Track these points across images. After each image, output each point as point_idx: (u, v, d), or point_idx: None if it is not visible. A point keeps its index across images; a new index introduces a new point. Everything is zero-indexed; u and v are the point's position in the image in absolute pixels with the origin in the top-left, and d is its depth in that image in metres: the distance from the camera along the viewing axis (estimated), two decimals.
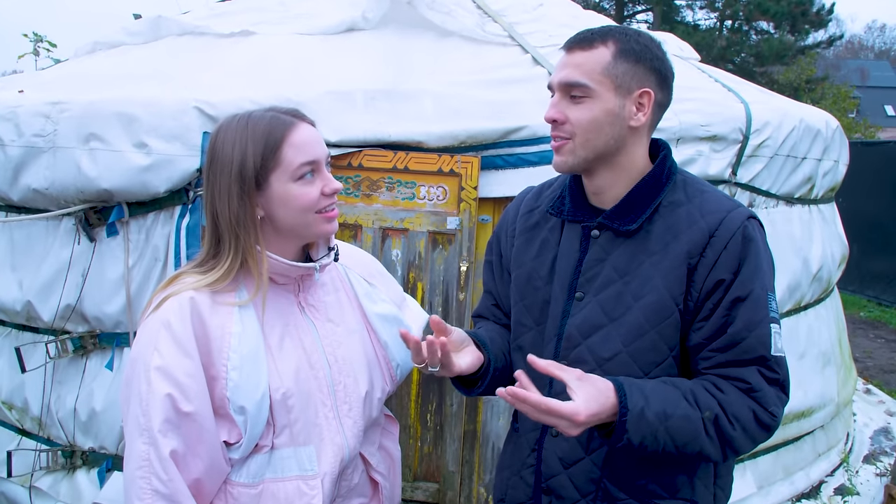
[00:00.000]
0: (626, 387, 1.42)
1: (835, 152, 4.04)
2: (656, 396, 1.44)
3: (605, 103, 1.50)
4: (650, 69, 1.52)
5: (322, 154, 1.50)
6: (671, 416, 1.43)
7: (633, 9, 23.26)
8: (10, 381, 3.34)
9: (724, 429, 1.46)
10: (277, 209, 1.48)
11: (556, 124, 1.55)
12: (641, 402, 1.41)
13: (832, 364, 4.09)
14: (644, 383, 1.47)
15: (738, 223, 1.50)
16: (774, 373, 1.48)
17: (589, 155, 1.54)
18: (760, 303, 1.48)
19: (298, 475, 1.49)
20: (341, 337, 1.62)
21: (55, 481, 3.21)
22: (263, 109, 1.51)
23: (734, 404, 1.46)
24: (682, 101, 3.26)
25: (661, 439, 1.43)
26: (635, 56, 1.50)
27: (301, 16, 3.99)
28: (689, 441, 1.45)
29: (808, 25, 20.37)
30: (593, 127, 1.51)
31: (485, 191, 3.02)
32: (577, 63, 1.52)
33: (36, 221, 3.23)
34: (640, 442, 1.42)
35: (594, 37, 1.53)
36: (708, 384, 1.49)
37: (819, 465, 4.00)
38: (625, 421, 1.39)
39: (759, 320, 1.47)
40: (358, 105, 3.06)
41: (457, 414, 3.10)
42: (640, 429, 1.41)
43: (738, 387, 1.48)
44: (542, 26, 3.92)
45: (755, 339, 1.47)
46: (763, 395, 1.47)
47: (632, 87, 1.51)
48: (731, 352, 1.48)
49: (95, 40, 4.31)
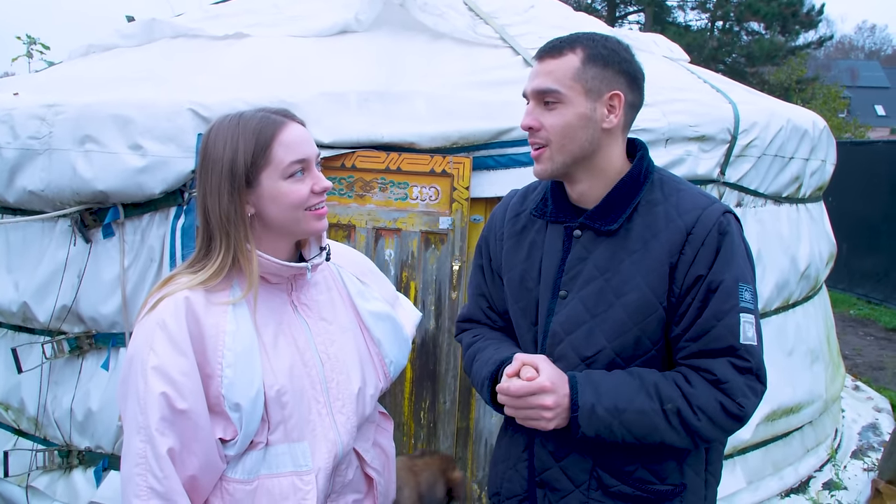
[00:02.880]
0: (578, 384, 1.53)
1: (822, 152, 4.09)
2: (610, 392, 1.52)
3: (577, 108, 1.56)
4: (619, 72, 1.58)
5: (312, 153, 1.53)
6: (624, 410, 1.51)
7: (625, 10, 23.35)
8: (7, 381, 3.36)
9: (688, 420, 1.51)
10: (268, 206, 1.51)
11: (532, 131, 1.61)
12: (592, 399, 1.52)
13: (820, 361, 4.14)
14: (602, 377, 1.55)
15: (713, 219, 1.55)
16: (745, 361, 1.52)
17: (567, 159, 1.60)
18: (730, 292, 1.52)
19: (293, 471, 1.52)
20: (334, 335, 1.64)
21: (52, 481, 3.23)
22: (255, 109, 1.54)
23: (699, 396, 1.51)
24: (671, 102, 3.33)
25: (616, 431, 1.53)
26: (603, 60, 1.56)
27: (294, 18, 4.02)
28: (647, 433, 1.53)
29: (798, 26, 20.52)
30: (567, 132, 1.57)
31: (476, 191, 3.06)
32: (548, 71, 1.58)
33: (32, 223, 3.25)
34: (597, 434, 1.53)
35: (563, 45, 1.59)
36: (678, 376, 1.55)
37: (808, 461, 4.05)
38: (576, 416, 1.52)
39: (728, 310, 1.51)
40: (351, 106, 3.09)
41: (450, 411, 3.13)
42: (593, 423, 1.52)
43: (706, 378, 1.52)
44: (534, 28, 3.96)
45: (723, 328, 1.51)
46: (730, 387, 1.51)
47: (602, 90, 1.56)
48: (701, 341, 1.53)
49: (89, 43, 4.33)
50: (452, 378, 3.11)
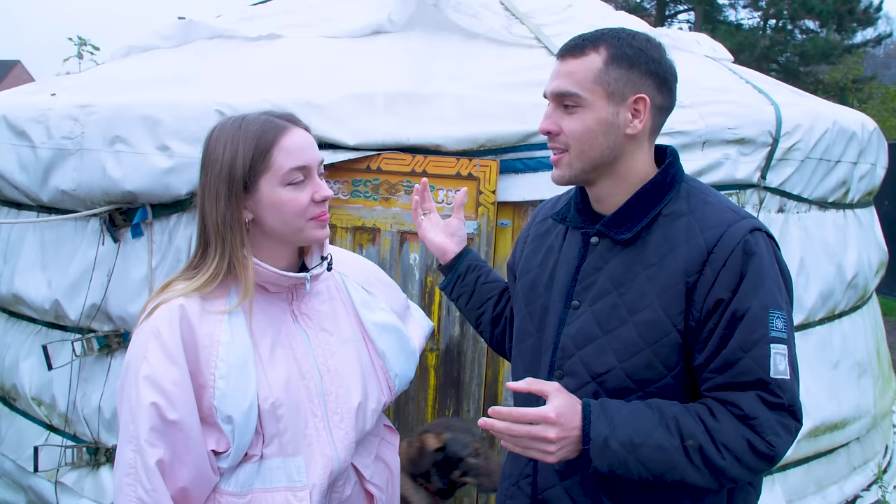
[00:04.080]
0: (592, 413, 1.39)
1: (872, 155, 3.91)
2: (626, 424, 1.39)
3: (598, 112, 1.47)
4: (645, 73, 1.47)
5: (314, 160, 1.49)
6: (640, 445, 1.38)
7: (675, 8, 22.92)
8: (40, 377, 3.42)
9: (712, 458, 1.38)
10: (266, 214, 1.47)
11: (550, 136, 1.53)
12: (606, 431, 1.37)
13: (868, 374, 3.96)
14: (618, 408, 1.42)
15: (737, 238, 1.43)
16: (776, 397, 1.39)
17: (585, 166, 1.51)
18: (758, 321, 1.39)
19: (287, 486, 1.47)
20: (335, 346, 1.60)
21: (80, 477, 3.27)
22: (258, 113, 1.50)
23: (724, 432, 1.39)
24: (708, 104, 3.21)
25: (632, 468, 1.39)
26: (628, 61, 1.46)
27: (328, 19, 4.01)
28: (665, 470, 1.39)
29: (855, 23, 19.87)
30: (587, 137, 1.48)
31: (504, 195, 2.99)
32: (568, 72, 1.49)
33: (65, 222, 3.29)
34: (610, 469, 1.38)
35: (585, 43, 1.49)
36: (703, 409, 1.43)
37: (854, 479, 3.87)
38: (587, 449, 1.38)
39: (756, 340, 1.39)
40: (378, 108, 3.05)
41: (474, 419, 3.07)
42: (606, 458, 1.38)
43: (733, 412, 1.40)
44: (571, 28, 3.86)
45: (751, 361, 1.39)
46: (759, 423, 1.38)
47: (626, 93, 1.47)
48: (727, 373, 1.41)
49: (130, 44, 4.39)
50: (477, 386, 3.05)
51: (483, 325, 1.98)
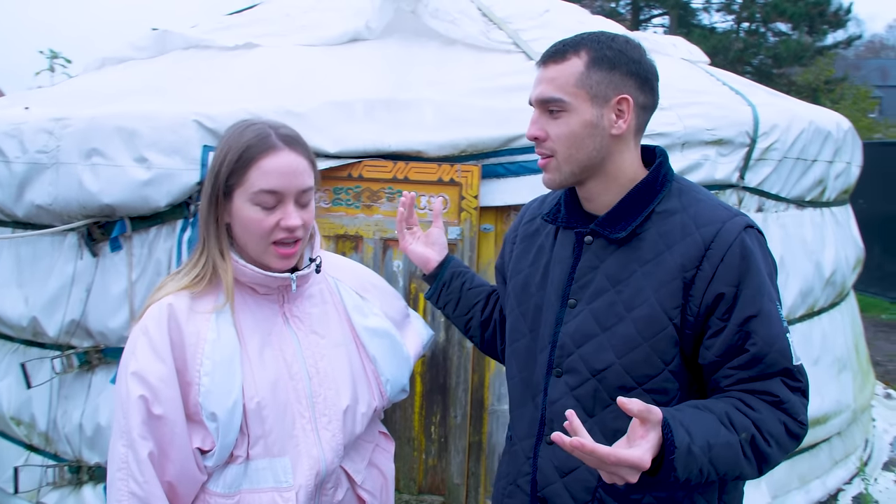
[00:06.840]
0: (671, 423, 1.33)
1: (847, 154, 3.97)
2: (698, 428, 1.37)
3: (583, 115, 1.50)
4: (627, 74, 1.50)
5: (290, 188, 1.49)
6: (714, 445, 1.37)
7: (650, 13, 23.14)
8: (18, 397, 3.35)
9: (761, 447, 1.42)
10: (235, 224, 1.51)
11: (538, 141, 1.55)
12: (686, 438, 1.33)
13: (848, 369, 4.01)
14: (680, 413, 1.38)
15: (734, 234, 1.47)
16: (798, 381, 1.47)
17: (574, 169, 1.54)
18: (773, 317, 1.46)
19: (273, 487, 1.49)
20: (325, 349, 1.61)
21: (62, 497, 3.21)
22: (266, 123, 1.52)
23: (767, 420, 1.43)
24: (687, 106, 3.24)
25: (705, 470, 1.37)
26: (609, 63, 1.49)
27: (305, 27, 4.00)
28: (730, 467, 1.41)
29: (826, 26, 20.14)
30: (573, 141, 1.51)
31: (487, 199, 2.99)
32: (550, 77, 1.52)
33: (41, 237, 3.24)
34: (686, 477, 1.35)
35: (566, 48, 1.52)
36: (739, 403, 1.45)
37: (836, 473, 3.92)
38: (673, 459, 1.31)
39: (777, 334, 1.45)
40: (358, 115, 3.04)
41: (461, 425, 3.06)
42: (688, 464, 1.34)
43: (767, 400, 1.45)
44: (548, 33, 3.88)
45: (777, 354, 1.45)
46: (791, 406, 1.45)
47: (608, 94, 1.49)
48: (756, 369, 1.45)
49: (104, 56, 4.35)
50: (463, 391, 3.04)
51: (472, 329, 2.00)
